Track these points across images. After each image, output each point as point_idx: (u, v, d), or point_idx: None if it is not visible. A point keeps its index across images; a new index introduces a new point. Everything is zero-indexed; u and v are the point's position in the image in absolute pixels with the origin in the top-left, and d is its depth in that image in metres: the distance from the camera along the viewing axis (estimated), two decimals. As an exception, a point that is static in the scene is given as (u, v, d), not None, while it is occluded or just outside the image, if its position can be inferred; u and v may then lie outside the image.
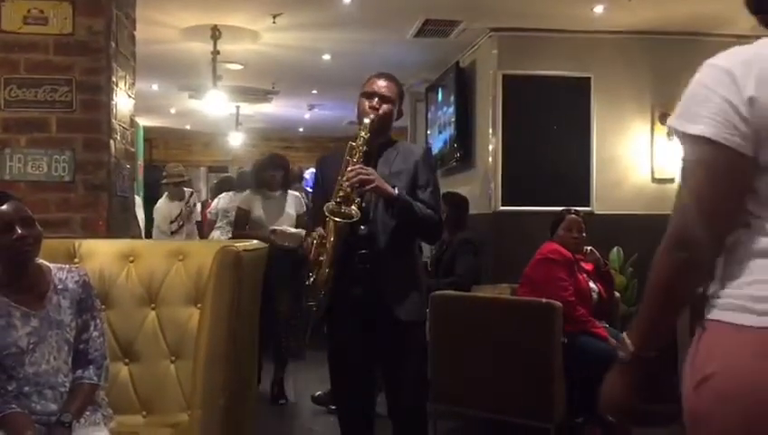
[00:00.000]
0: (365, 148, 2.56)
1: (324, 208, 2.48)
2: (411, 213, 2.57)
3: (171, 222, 5.93)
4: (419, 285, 2.73)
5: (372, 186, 2.50)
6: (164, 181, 6.27)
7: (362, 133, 2.56)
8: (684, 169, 1.27)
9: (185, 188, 6.34)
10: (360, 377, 2.72)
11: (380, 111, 2.64)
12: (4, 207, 2.08)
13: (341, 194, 2.49)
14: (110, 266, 2.59)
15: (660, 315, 1.30)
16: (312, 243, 2.53)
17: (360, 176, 2.47)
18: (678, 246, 1.24)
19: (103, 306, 2.45)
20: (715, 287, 1.25)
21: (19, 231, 2.07)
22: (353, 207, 2.48)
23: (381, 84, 2.69)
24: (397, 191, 2.54)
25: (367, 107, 2.65)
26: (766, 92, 1.17)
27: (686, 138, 1.24)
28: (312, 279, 2.56)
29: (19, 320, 2.10)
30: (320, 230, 2.53)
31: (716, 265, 1.26)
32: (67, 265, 2.29)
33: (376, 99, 2.65)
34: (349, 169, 2.51)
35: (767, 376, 1.12)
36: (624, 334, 1.38)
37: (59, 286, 2.19)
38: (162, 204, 6.10)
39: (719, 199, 1.22)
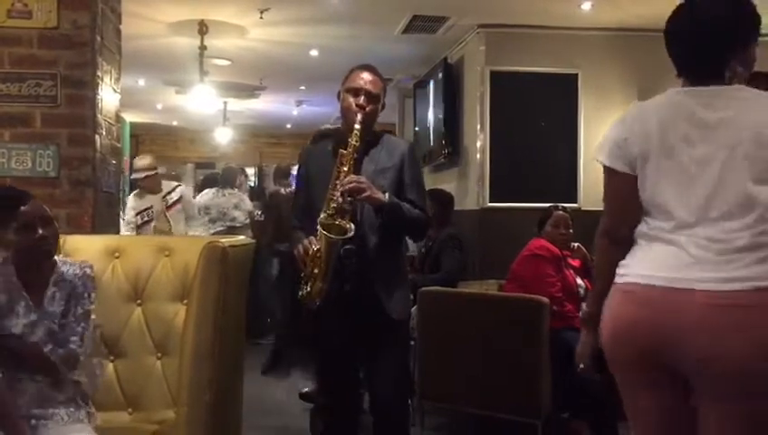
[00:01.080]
0: (355, 155, 2.49)
1: (318, 223, 2.43)
2: (400, 215, 2.54)
3: (138, 214, 5.64)
4: (406, 283, 2.72)
5: (365, 195, 2.44)
6: (134, 177, 5.94)
7: (353, 141, 2.48)
8: (603, 185, 1.96)
9: (167, 181, 6.01)
10: (347, 375, 2.71)
11: (367, 110, 2.57)
12: (26, 207, 2.12)
13: (334, 206, 2.43)
14: (95, 262, 2.54)
15: (602, 283, 1.92)
16: (307, 253, 2.47)
17: (353, 185, 2.42)
18: (603, 235, 1.93)
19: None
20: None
21: (40, 231, 2.12)
22: (347, 219, 2.42)
23: (367, 79, 2.61)
24: (387, 196, 2.49)
25: (353, 105, 2.57)
26: (633, 136, 1.85)
27: (603, 165, 1.92)
28: (306, 291, 2.50)
29: (22, 309, 2.14)
30: (313, 241, 2.47)
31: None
32: (71, 259, 2.29)
33: (362, 97, 2.58)
34: (341, 179, 2.45)
35: (623, 316, 1.81)
36: (583, 304, 2.08)
37: (58, 279, 2.21)
38: (129, 200, 5.75)
39: (619, 203, 1.90)
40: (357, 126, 2.51)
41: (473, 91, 6.05)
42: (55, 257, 2.25)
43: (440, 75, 6.51)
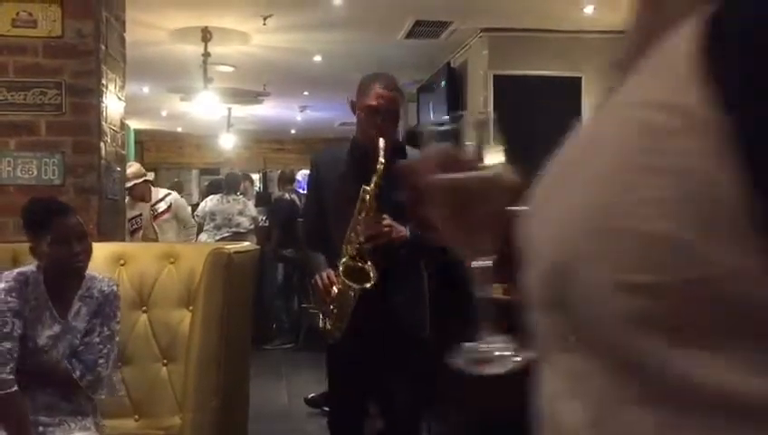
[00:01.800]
0: (378, 191, 2.31)
1: (340, 269, 2.34)
2: (420, 248, 2.42)
3: (129, 220, 5.58)
4: (425, 301, 2.61)
5: (388, 239, 2.35)
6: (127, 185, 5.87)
7: (375, 178, 2.29)
8: None
9: (157, 189, 5.93)
10: (359, 390, 2.61)
11: (388, 131, 2.39)
12: (66, 220, 2.15)
13: (356, 247, 2.33)
14: (100, 270, 2.55)
15: None
16: (328, 291, 2.39)
17: (374, 231, 2.32)
18: None
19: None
20: None
21: (76, 248, 2.14)
22: (368, 259, 2.33)
23: (387, 97, 2.40)
24: (408, 231, 2.38)
25: (372, 128, 2.38)
26: None
27: None
28: (326, 327, 2.43)
29: (48, 320, 2.16)
30: (333, 279, 2.38)
31: None
32: (101, 275, 2.30)
33: (380, 118, 2.38)
34: (363, 217, 2.33)
35: None
36: None
37: (85, 295, 2.22)
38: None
39: None
40: (381, 160, 2.29)
41: (476, 96, 6.06)
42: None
43: (443, 80, 6.52)
